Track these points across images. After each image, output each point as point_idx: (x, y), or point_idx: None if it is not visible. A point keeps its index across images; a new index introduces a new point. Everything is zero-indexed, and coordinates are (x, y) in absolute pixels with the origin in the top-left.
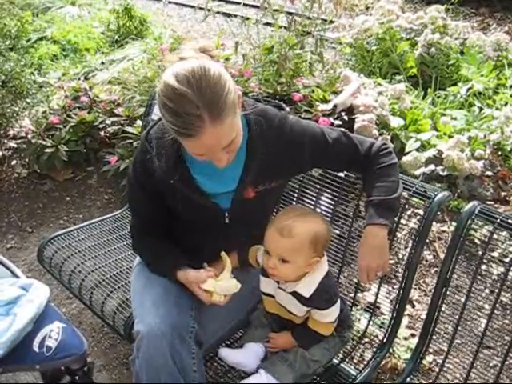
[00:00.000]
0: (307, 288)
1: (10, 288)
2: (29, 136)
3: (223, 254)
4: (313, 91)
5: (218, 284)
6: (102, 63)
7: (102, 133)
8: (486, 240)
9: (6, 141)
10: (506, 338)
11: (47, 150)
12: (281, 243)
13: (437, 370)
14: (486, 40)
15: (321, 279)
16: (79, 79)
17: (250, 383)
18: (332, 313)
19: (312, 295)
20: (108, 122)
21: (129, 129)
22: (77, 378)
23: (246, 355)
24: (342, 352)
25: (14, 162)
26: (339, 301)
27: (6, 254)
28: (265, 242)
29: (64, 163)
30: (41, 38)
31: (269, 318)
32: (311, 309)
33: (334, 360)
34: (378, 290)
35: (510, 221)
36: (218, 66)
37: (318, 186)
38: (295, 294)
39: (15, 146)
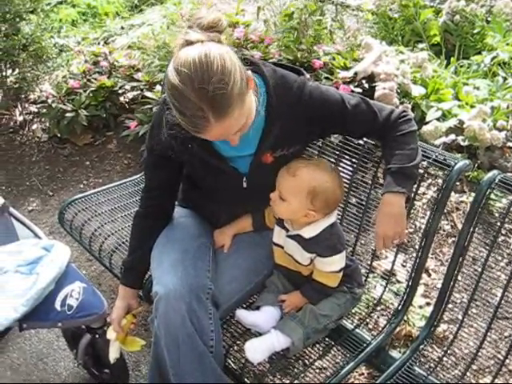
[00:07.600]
0: (309, 232)
1: (32, 248)
2: (49, 100)
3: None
4: (333, 58)
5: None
6: (122, 28)
7: (122, 98)
8: (505, 211)
9: (26, 105)
10: None
11: (67, 115)
12: (284, 180)
13: (451, 337)
14: None
15: (324, 227)
16: (99, 44)
17: (259, 341)
18: (334, 262)
19: (312, 238)
20: (127, 87)
21: (148, 94)
22: (97, 336)
23: (262, 316)
24: (357, 318)
25: (34, 127)
26: (344, 252)
27: (27, 216)
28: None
29: (84, 128)
30: (60, 2)
31: (281, 277)
32: (314, 256)
33: (349, 325)
34: (395, 258)
35: None
36: (223, 54)
37: (337, 153)
38: (297, 238)
39: (36, 110)
